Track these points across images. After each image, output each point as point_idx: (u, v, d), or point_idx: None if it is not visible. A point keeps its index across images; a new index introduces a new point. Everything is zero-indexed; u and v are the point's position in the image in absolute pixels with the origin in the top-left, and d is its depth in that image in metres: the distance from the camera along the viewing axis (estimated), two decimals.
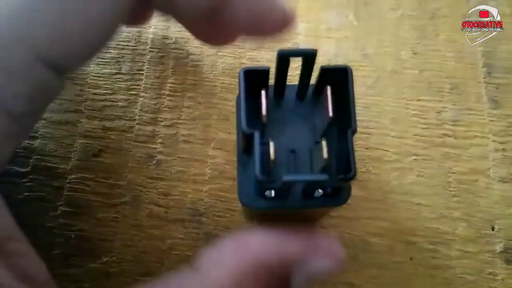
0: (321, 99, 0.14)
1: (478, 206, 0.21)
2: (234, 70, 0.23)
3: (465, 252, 0.20)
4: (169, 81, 0.23)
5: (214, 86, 0.23)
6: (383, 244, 0.20)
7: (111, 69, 0.23)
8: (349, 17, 0.25)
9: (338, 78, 0.14)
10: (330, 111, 0.13)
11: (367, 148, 0.22)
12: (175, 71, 0.23)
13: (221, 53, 0.23)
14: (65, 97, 0.22)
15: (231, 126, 0.22)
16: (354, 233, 0.20)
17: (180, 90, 0.23)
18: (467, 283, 0.20)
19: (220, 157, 0.21)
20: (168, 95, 0.23)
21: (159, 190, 0.21)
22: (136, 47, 0.24)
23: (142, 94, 0.23)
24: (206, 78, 0.23)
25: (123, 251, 0.20)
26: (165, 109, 0.22)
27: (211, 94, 0.23)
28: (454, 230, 0.20)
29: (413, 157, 0.22)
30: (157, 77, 0.23)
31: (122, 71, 0.23)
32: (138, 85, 0.23)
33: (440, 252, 0.20)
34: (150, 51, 0.23)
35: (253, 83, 0.14)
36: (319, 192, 0.14)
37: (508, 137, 0.22)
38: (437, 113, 0.22)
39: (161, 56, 0.23)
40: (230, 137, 0.22)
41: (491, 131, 0.22)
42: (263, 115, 0.13)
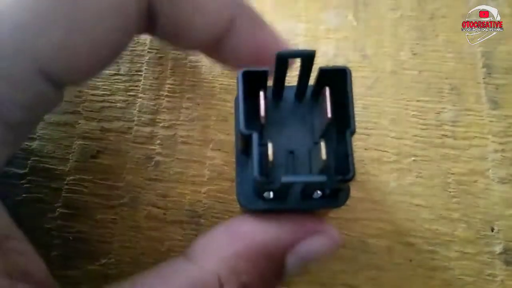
0: (320, 100, 0.14)
1: (478, 207, 0.21)
2: (233, 71, 0.23)
3: (464, 253, 0.20)
4: (167, 82, 0.23)
5: (213, 87, 0.23)
6: (382, 245, 0.20)
7: (110, 70, 0.23)
8: (348, 17, 0.24)
9: (337, 79, 0.13)
10: (329, 112, 0.13)
11: (366, 149, 0.22)
12: (173, 72, 0.23)
13: None
14: (64, 98, 0.22)
15: (230, 127, 0.22)
16: (353, 234, 0.20)
17: (178, 91, 0.23)
18: (466, 285, 0.20)
19: (219, 158, 0.21)
20: (166, 96, 0.23)
21: (158, 191, 0.21)
22: (134, 48, 0.23)
23: (141, 95, 0.23)
24: (204, 79, 0.23)
25: (121, 252, 0.20)
26: (164, 110, 0.22)
27: (210, 95, 0.23)
28: (453, 231, 0.20)
29: (412, 158, 0.22)
30: (156, 78, 0.23)
31: (121, 72, 0.23)
32: (136, 86, 0.23)
33: (439, 253, 0.20)
34: (148, 52, 0.23)
35: (252, 84, 0.13)
36: (317, 194, 0.14)
37: (507, 137, 0.22)
38: (437, 113, 0.22)
39: (160, 57, 0.23)
40: (229, 138, 0.22)
41: (490, 131, 0.22)
42: (261, 116, 0.13)
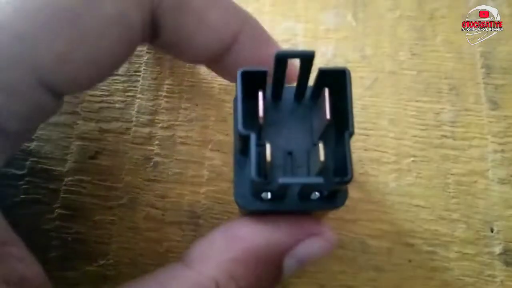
0: (319, 101, 0.14)
1: (477, 207, 0.21)
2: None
3: (464, 254, 0.20)
4: (166, 82, 0.23)
5: (212, 87, 0.23)
6: (381, 246, 0.20)
7: None
8: (347, 18, 0.24)
9: (337, 80, 0.13)
10: (328, 113, 0.13)
11: (365, 150, 0.22)
12: (172, 72, 0.23)
13: None
14: (64, 98, 0.22)
15: (229, 127, 0.22)
16: (352, 235, 0.20)
17: (177, 91, 0.23)
18: (466, 285, 0.20)
19: (218, 159, 0.21)
20: (165, 96, 0.23)
21: (156, 192, 0.21)
22: None
23: (139, 95, 0.22)
24: (203, 79, 0.23)
25: (120, 253, 0.20)
26: (162, 110, 0.22)
27: (209, 96, 0.23)
28: (453, 232, 0.20)
29: (412, 159, 0.21)
30: (154, 79, 0.23)
31: (119, 73, 0.23)
32: (135, 86, 0.23)
33: (439, 254, 0.20)
34: (147, 52, 0.23)
35: (251, 84, 0.13)
36: (315, 195, 0.14)
37: (507, 138, 0.22)
38: (436, 114, 0.22)
39: (158, 57, 0.23)
40: (228, 139, 0.22)
41: (490, 132, 0.22)
42: (260, 116, 0.13)
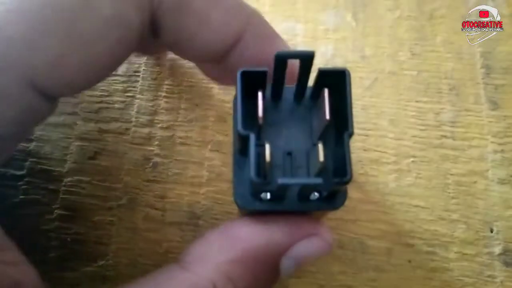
0: (319, 101, 0.14)
1: (477, 208, 0.21)
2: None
3: (464, 254, 0.20)
4: (165, 83, 0.23)
5: (211, 87, 0.23)
6: (381, 246, 0.20)
7: None
8: (347, 18, 0.24)
9: (336, 80, 0.13)
10: (327, 114, 0.13)
11: (365, 150, 0.22)
12: (171, 73, 0.23)
13: None
14: (61, 99, 0.22)
15: (228, 128, 0.22)
16: (352, 236, 0.20)
17: (177, 92, 0.23)
18: (465, 286, 0.20)
19: (217, 159, 0.21)
20: (164, 97, 0.22)
21: (156, 192, 0.21)
22: None
23: (139, 96, 0.22)
24: (203, 80, 0.23)
25: (119, 254, 0.20)
26: (162, 111, 0.22)
27: (208, 96, 0.23)
28: (453, 232, 0.20)
29: (411, 159, 0.21)
30: (154, 79, 0.23)
31: (118, 73, 0.23)
32: (134, 87, 0.23)
33: (439, 255, 0.20)
34: None
35: (251, 84, 0.13)
36: (315, 195, 0.14)
37: (506, 138, 0.22)
38: (436, 114, 0.22)
39: (158, 57, 0.23)
40: (227, 139, 0.22)
41: (489, 132, 0.22)
42: (259, 116, 0.13)
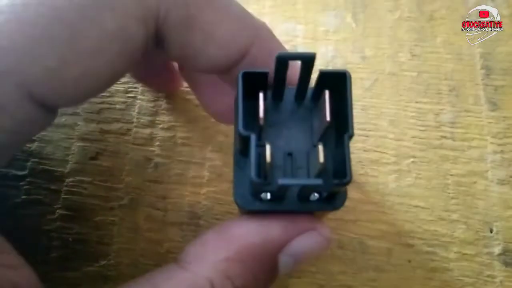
0: (320, 102, 0.14)
1: (477, 208, 0.21)
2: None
3: (463, 254, 0.20)
4: None
5: None
6: (381, 246, 0.20)
7: None
8: (347, 19, 0.25)
9: (337, 82, 0.13)
10: (328, 115, 0.13)
11: (365, 150, 0.22)
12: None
13: None
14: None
15: (229, 128, 0.22)
16: (352, 236, 0.20)
17: (178, 92, 0.23)
18: (465, 286, 0.20)
19: (218, 160, 0.21)
20: (165, 97, 0.23)
21: (157, 193, 0.21)
22: None
23: (140, 96, 0.23)
24: None
25: (120, 254, 0.20)
26: (163, 111, 0.22)
27: None
28: (453, 232, 0.20)
29: (411, 159, 0.22)
30: None
31: None
32: (135, 88, 0.23)
33: (438, 255, 0.20)
34: None
35: (252, 85, 0.14)
36: (315, 196, 0.14)
37: (506, 139, 0.22)
38: (435, 115, 0.22)
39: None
40: (228, 140, 0.22)
41: (489, 133, 0.22)
42: (260, 117, 0.13)
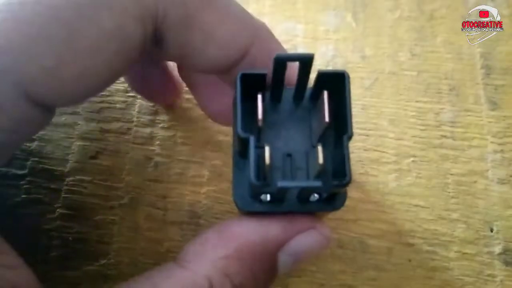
0: (318, 102, 0.14)
1: (477, 207, 0.21)
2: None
3: (464, 253, 0.20)
4: None
5: None
6: (381, 245, 0.20)
7: None
8: (347, 18, 0.25)
9: (336, 82, 0.13)
10: (327, 116, 0.13)
11: (365, 150, 0.22)
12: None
13: None
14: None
15: (229, 128, 0.22)
16: (352, 235, 0.20)
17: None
18: (465, 285, 0.20)
19: (218, 159, 0.21)
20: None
21: (157, 192, 0.21)
22: None
23: (140, 96, 0.22)
24: None
25: (120, 253, 0.20)
26: (163, 111, 0.22)
27: None
28: (453, 231, 0.20)
29: (412, 159, 0.22)
30: None
31: None
32: None
33: (439, 254, 0.20)
34: None
35: (250, 86, 0.13)
36: (314, 197, 0.14)
37: (506, 138, 0.22)
38: (436, 114, 0.22)
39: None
40: (228, 139, 0.22)
41: (489, 132, 0.22)
42: (259, 119, 0.13)
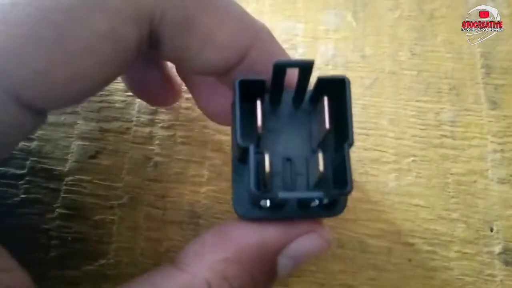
0: (318, 106, 0.14)
1: (477, 207, 0.21)
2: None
3: (464, 253, 0.20)
4: None
5: None
6: (381, 245, 0.20)
7: None
8: (347, 18, 0.24)
9: (336, 87, 0.13)
10: (327, 123, 0.13)
11: (365, 149, 0.22)
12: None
13: None
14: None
15: (229, 127, 0.22)
16: (352, 235, 0.20)
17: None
18: (465, 285, 0.20)
19: (218, 159, 0.21)
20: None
21: (157, 192, 0.21)
22: None
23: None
24: None
25: (120, 253, 0.20)
26: (163, 110, 0.22)
27: None
28: (453, 231, 0.20)
29: (412, 158, 0.21)
30: None
31: None
32: None
33: (439, 254, 0.20)
34: None
35: (249, 91, 0.13)
36: (315, 203, 0.14)
37: (506, 138, 0.22)
38: (436, 114, 0.22)
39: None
40: (228, 139, 0.22)
41: (489, 132, 0.22)
42: (258, 126, 0.13)
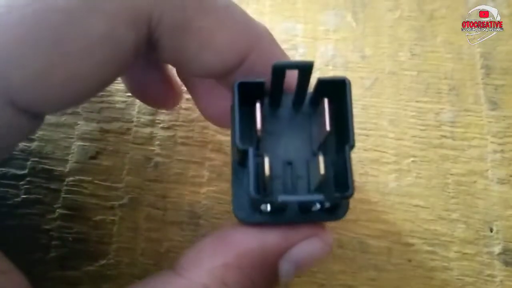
0: (319, 108, 0.14)
1: (477, 207, 0.21)
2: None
3: (464, 253, 0.20)
4: None
5: None
6: (381, 246, 0.20)
7: None
8: (347, 18, 0.24)
9: (336, 89, 0.13)
10: (328, 125, 0.13)
11: (365, 150, 0.22)
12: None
13: None
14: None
15: (229, 128, 0.22)
16: (352, 235, 0.20)
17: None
18: (465, 285, 0.20)
19: (218, 159, 0.21)
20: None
21: (157, 192, 0.21)
22: None
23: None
24: None
25: (120, 253, 0.20)
26: (163, 111, 0.22)
27: None
28: (453, 231, 0.20)
29: (411, 159, 0.22)
30: None
31: None
32: None
33: (439, 254, 0.20)
34: None
35: (248, 94, 0.13)
36: (316, 207, 0.13)
37: (506, 138, 0.22)
38: (435, 114, 0.22)
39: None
40: (228, 139, 0.22)
41: (489, 132, 0.22)
42: (258, 129, 0.13)
